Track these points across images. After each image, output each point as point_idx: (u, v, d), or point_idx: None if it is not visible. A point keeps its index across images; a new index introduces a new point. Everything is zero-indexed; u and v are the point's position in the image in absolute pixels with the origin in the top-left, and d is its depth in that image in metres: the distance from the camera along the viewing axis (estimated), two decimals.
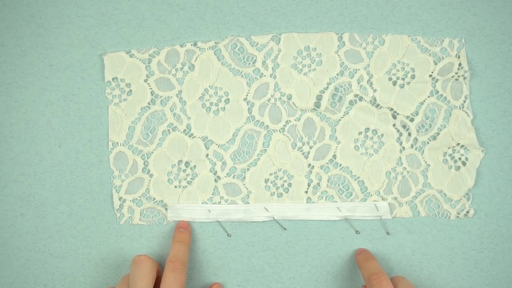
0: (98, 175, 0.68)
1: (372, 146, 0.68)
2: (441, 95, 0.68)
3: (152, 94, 0.69)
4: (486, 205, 0.67)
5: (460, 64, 0.68)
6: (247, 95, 0.69)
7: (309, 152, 0.68)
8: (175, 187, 0.68)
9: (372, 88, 0.68)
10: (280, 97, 0.69)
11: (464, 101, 0.68)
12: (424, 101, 0.68)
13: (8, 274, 0.68)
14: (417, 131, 0.67)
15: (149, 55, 0.69)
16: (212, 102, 0.69)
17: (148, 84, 0.69)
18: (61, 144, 0.69)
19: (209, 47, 0.69)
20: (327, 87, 0.68)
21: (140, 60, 0.69)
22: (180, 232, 0.66)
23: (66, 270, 0.68)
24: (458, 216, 0.67)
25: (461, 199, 0.67)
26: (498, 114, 0.68)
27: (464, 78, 0.68)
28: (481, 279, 0.67)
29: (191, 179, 0.68)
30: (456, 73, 0.68)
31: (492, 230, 0.67)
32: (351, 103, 0.68)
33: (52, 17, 0.70)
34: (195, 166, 0.68)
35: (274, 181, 0.68)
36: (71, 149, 0.69)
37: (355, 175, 0.67)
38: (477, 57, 0.68)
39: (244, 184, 0.68)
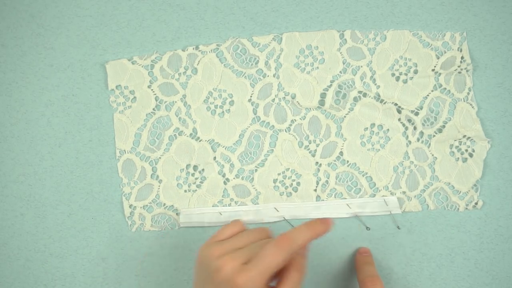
0: (98, 175, 0.68)
1: (378, 141, 0.68)
2: (445, 88, 0.68)
3: (156, 100, 0.69)
4: (486, 205, 0.67)
5: (462, 57, 0.68)
6: (251, 96, 0.69)
7: (316, 150, 0.68)
8: (185, 191, 0.68)
9: (376, 84, 0.68)
10: (284, 97, 0.69)
11: (468, 93, 0.68)
12: (428, 95, 0.68)
13: (8, 274, 0.68)
14: (423, 124, 0.68)
15: (151, 61, 0.69)
16: (217, 105, 0.69)
17: (151, 90, 0.69)
18: (61, 144, 0.69)
19: (211, 50, 0.69)
20: (331, 84, 0.69)
21: (142, 66, 0.69)
22: (321, 221, 0.56)
23: (66, 270, 0.68)
24: (467, 208, 0.67)
25: (469, 190, 0.67)
26: (498, 114, 0.68)
27: (467, 71, 0.68)
28: (481, 279, 0.67)
29: (200, 182, 0.68)
30: (459, 66, 0.68)
31: (492, 230, 0.67)
32: (355, 99, 0.68)
33: (52, 17, 0.70)
34: (203, 169, 0.68)
35: (283, 180, 0.68)
36: (71, 149, 0.69)
37: (363, 171, 0.68)
38: (477, 57, 0.69)
39: (253, 185, 0.68)
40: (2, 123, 0.69)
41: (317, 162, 0.68)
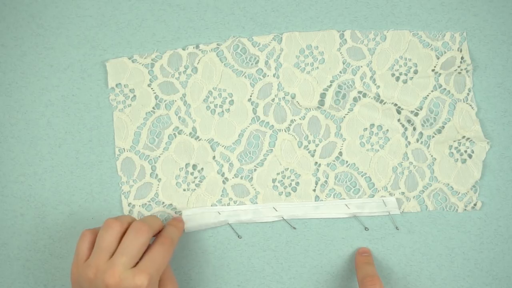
0: (98, 175, 0.68)
1: (378, 141, 0.68)
2: (445, 89, 0.68)
3: (156, 99, 0.69)
4: (486, 205, 0.67)
5: (462, 58, 0.68)
6: (251, 96, 0.69)
7: (315, 150, 0.68)
8: (184, 190, 0.68)
9: (375, 84, 0.68)
10: (284, 97, 0.69)
11: (468, 94, 0.68)
12: (427, 95, 0.68)
13: (8, 274, 0.68)
14: (422, 125, 0.68)
15: (152, 59, 0.69)
16: (217, 104, 0.69)
17: (151, 88, 0.69)
18: (61, 144, 0.69)
19: (211, 49, 0.69)
20: (331, 85, 0.69)
21: (142, 65, 0.69)
22: (177, 220, 0.66)
23: (66, 270, 0.68)
24: (465, 209, 0.67)
25: (468, 191, 0.67)
26: (498, 114, 0.68)
27: (467, 71, 0.68)
28: (481, 279, 0.67)
29: (199, 181, 0.68)
30: (459, 67, 0.68)
31: (492, 230, 0.67)
32: (355, 99, 0.68)
33: (52, 17, 0.70)
34: (202, 168, 0.68)
35: (282, 180, 0.68)
36: (71, 149, 0.69)
37: (362, 172, 0.68)
38: (477, 57, 0.69)
39: (252, 185, 0.68)
40: (2, 123, 0.69)
41: (316, 162, 0.68)
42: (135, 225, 0.58)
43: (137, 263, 0.57)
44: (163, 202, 0.68)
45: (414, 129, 0.68)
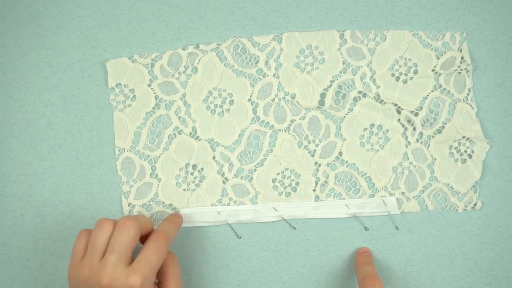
0: (98, 175, 0.68)
1: (378, 141, 0.68)
2: (445, 89, 0.68)
3: (156, 99, 0.69)
4: (486, 205, 0.67)
5: (462, 58, 0.68)
6: (251, 96, 0.69)
7: (315, 150, 0.68)
8: (184, 190, 0.68)
9: (375, 84, 0.68)
10: (284, 97, 0.69)
11: (468, 94, 0.68)
12: (427, 95, 0.68)
13: (8, 274, 0.68)
14: (422, 125, 0.68)
15: (152, 59, 0.69)
16: (217, 104, 0.69)
17: (151, 88, 0.69)
18: (61, 144, 0.69)
19: (211, 49, 0.69)
20: (331, 85, 0.69)
21: (142, 65, 0.69)
22: (175, 215, 0.66)
23: (66, 270, 0.67)
24: (465, 209, 0.67)
25: (468, 191, 0.67)
26: (498, 114, 0.68)
27: (467, 71, 0.68)
28: (481, 279, 0.67)
29: (199, 181, 0.68)
30: (459, 67, 0.68)
31: (492, 230, 0.67)
32: (355, 99, 0.68)
33: (52, 17, 0.70)
34: (202, 168, 0.68)
35: (282, 180, 0.68)
36: (71, 149, 0.69)
37: (362, 172, 0.68)
38: (477, 57, 0.69)
39: (252, 185, 0.68)
40: (2, 123, 0.69)
41: (316, 162, 0.68)
42: (120, 221, 0.58)
43: (133, 260, 0.57)
44: (163, 202, 0.68)
45: (414, 129, 0.68)
